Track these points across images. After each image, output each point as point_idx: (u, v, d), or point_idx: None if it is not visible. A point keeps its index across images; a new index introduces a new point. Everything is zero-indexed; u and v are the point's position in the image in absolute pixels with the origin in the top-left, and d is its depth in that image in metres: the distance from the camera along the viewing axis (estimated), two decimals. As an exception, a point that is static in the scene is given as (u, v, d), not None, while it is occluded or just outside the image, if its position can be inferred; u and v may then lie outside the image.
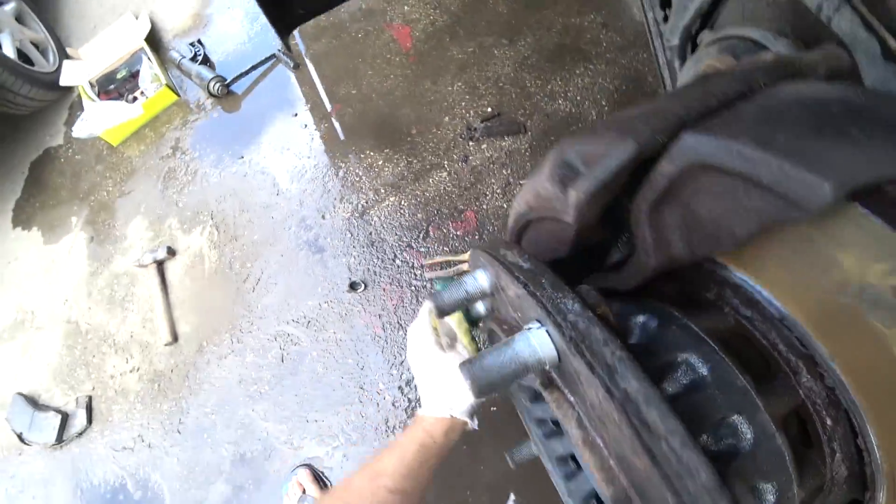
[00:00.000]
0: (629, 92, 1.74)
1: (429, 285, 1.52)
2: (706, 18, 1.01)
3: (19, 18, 2.04)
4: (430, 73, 1.86)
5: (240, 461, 1.42)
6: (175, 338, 1.59)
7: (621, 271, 0.53)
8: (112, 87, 2.03)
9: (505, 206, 1.60)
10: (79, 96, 2.15)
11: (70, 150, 2.05)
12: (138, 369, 1.60)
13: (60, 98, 2.17)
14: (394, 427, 1.38)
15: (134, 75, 2.04)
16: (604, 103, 1.72)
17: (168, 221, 1.79)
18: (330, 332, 1.51)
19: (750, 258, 0.42)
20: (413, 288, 1.52)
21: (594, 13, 1.90)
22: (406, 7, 2.03)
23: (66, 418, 1.57)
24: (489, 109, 1.75)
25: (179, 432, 1.49)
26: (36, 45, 2.09)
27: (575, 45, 1.85)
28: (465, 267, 1.50)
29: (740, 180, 0.35)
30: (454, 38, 1.92)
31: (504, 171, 1.65)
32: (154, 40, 2.15)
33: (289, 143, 1.81)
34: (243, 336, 1.55)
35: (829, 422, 0.41)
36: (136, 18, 2.24)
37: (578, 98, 1.74)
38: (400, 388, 1.41)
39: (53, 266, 1.84)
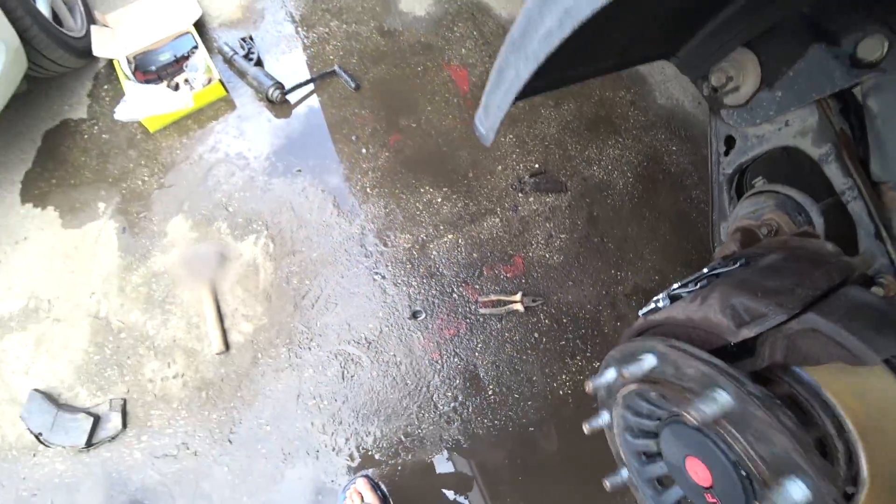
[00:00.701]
0: (649, 167, 2.03)
1: (481, 320, 1.68)
2: (753, 161, 1.31)
3: (48, -31, 1.81)
4: (485, 120, 2.00)
5: (297, 471, 1.47)
6: (227, 347, 1.58)
7: (737, 364, 0.78)
8: (153, 68, 1.89)
9: (547, 255, 1.80)
10: (106, 69, 1.96)
11: (95, 127, 1.87)
12: (182, 375, 1.56)
13: (84, 66, 1.96)
14: (447, 440, 1.53)
15: (178, 60, 1.92)
16: (629, 175, 2.00)
17: (216, 225, 1.73)
18: (390, 355, 1.60)
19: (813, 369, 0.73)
20: (468, 321, 1.67)
21: (624, 90, 2.17)
22: (463, 50, 2.14)
23: (97, 421, 1.49)
24: (536, 165, 1.95)
25: (231, 441, 1.49)
26: (64, 3, 1.88)
27: (608, 118, 2.10)
28: (515, 307, 1.68)
29: (831, 341, 0.65)
30: (507, 91, 2.08)
31: (547, 225, 1.85)
32: (197, 25, 2.02)
33: (350, 165, 1.85)
34: (302, 351, 1.59)
35: (837, 444, 0.69)
36: (176, -4, 2.09)
37: (609, 167, 2.00)
38: (454, 407, 1.56)
39: (76, 253, 1.69)
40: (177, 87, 1.90)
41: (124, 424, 1.50)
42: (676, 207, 1.98)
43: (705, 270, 0.95)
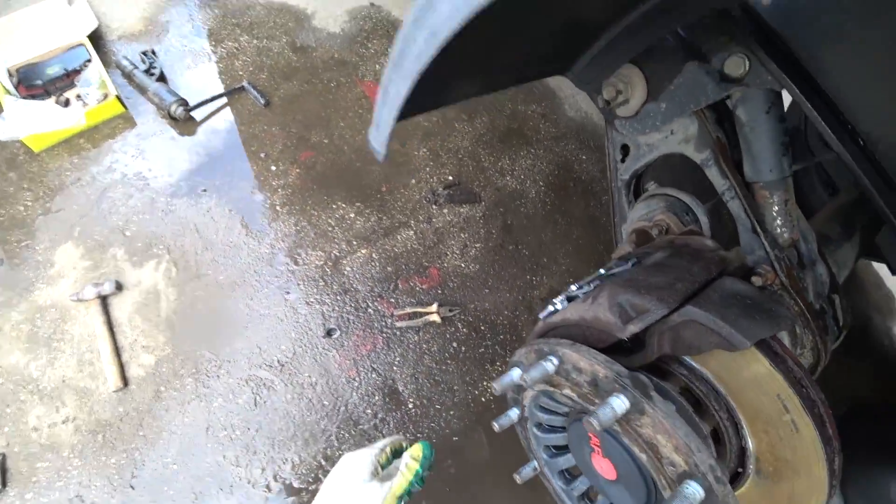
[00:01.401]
0: (561, 176, 2.10)
1: (398, 333, 1.65)
2: (648, 167, 1.39)
3: None
4: (399, 135, 1.99)
5: (206, 510, 1.36)
6: (125, 383, 1.44)
7: (631, 357, 0.82)
8: (39, 82, 1.71)
9: (463, 265, 1.81)
10: (-19, 85, 1.76)
11: (-34, 150, 1.67)
12: (74, 419, 1.40)
13: (-49, 82, 1.74)
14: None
15: (69, 74, 1.75)
16: (541, 184, 2.05)
17: (112, 251, 1.59)
18: (304, 376, 1.53)
19: (697, 357, 0.78)
20: (385, 335, 1.63)
21: (535, 104, 2.24)
22: (378, 66, 2.12)
23: (-32, 481, 1.31)
24: (450, 178, 1.96)
25: (133, 487, 1.36)
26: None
27: (520, 130, 2.16)
28: (431, 318, 1.67)
29: (709, 330, 0.68)
30: (421, 106, 2.08)
31: (462, 235, 1.86)
32: (93, 37, 1.86)
33: (259, 184, 1.76)
34: (210, 381, 1.48)
35: (727, 428, 0.76)
36: (70, 4, 1.92)
37: (522, 177, 2.05)
38: (375, 424, 1.51)
39: (-59, 292, 1.49)
40: (67, 103, 1.74)
41: (3, 483, 1.33)
42: (587, 212, 2.05)
43: (602, 271, 0.98)
